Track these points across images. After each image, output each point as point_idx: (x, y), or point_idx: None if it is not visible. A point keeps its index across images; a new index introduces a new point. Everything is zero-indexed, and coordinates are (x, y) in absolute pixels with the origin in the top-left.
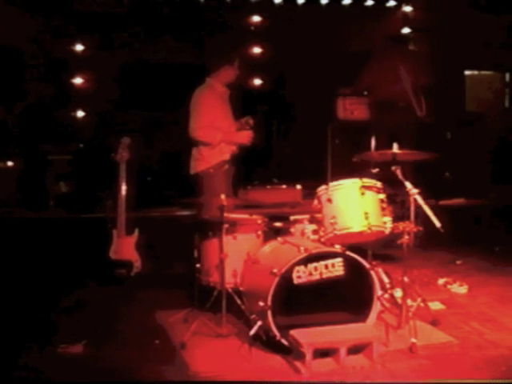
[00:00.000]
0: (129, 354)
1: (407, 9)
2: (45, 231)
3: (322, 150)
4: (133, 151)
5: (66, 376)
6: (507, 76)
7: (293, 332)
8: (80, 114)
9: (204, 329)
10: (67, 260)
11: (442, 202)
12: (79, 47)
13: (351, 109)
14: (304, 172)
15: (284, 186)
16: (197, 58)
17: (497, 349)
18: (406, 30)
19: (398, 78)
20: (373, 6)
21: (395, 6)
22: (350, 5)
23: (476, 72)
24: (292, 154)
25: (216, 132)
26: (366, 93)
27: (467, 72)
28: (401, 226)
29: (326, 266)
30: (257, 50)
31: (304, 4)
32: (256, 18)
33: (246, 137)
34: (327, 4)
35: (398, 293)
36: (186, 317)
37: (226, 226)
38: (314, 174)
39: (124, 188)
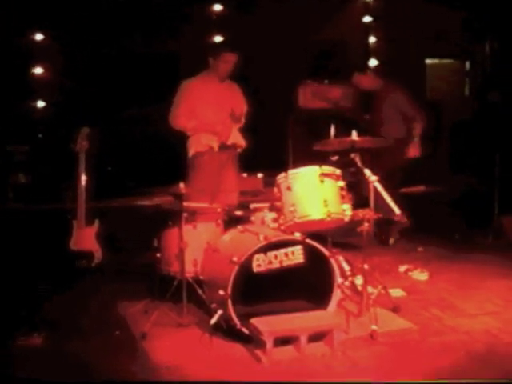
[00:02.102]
0: (89, 346)
1: None
2: (4, 223)
3: (283, 138)
4: (92, 141)
5: (26, 368)
6: (467, 64)
7: (253, 320)
8: (40, 104)
9: (165, 319)
10: (27, 252)
11: (402, 190)
12: (39, 36)
13: (312, 98)
14: (266, 160)
15: (245, 175)
16: (160, 48)
17: (456, 334)
18: (367, 19)
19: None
20: None
21: None
22: None
23: (437, 60)
24: (255, 142)
25: (189, 121)
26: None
27: (428, 60)
28: (360, 213)
29: (286, 254)
30: (218, 39)
31: None
32: (217, 7)
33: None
34: None
35: (359, 280)
36: (146, 307)
37: (185, 215)
38: (276, 162)
39: (84, 178)
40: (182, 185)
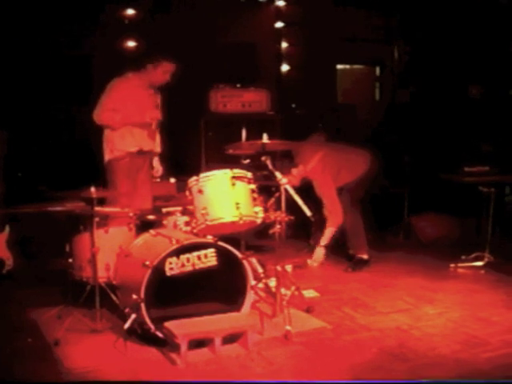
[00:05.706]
0: (1, 353)
1: (280, 3)
2: None
3: (196, 142)
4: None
5: None
6: (377, 70)
7: (167, 324)
8: None
9: (78, 325)
10: None
11: None
12: None
13: (224, 101)
14: (180, 165)
15: (158, 180)
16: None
17: (368, 332)
18: (279, 25)
19: None
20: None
21: (268, 1)
22: None
23: (348, 66)
24: (167, 147)
25: (115, 114)
26: None
27: (339, 66)
28: (272, 215)
29: (199, 257)
30: (131, 43)
31: None
32: (130, 11)
33: (147, 115)
34: None
35: (273, 282)
36: (59, 313)
37: (97, 219)
38: (189, 166)
39: None
40: (93, 189)
